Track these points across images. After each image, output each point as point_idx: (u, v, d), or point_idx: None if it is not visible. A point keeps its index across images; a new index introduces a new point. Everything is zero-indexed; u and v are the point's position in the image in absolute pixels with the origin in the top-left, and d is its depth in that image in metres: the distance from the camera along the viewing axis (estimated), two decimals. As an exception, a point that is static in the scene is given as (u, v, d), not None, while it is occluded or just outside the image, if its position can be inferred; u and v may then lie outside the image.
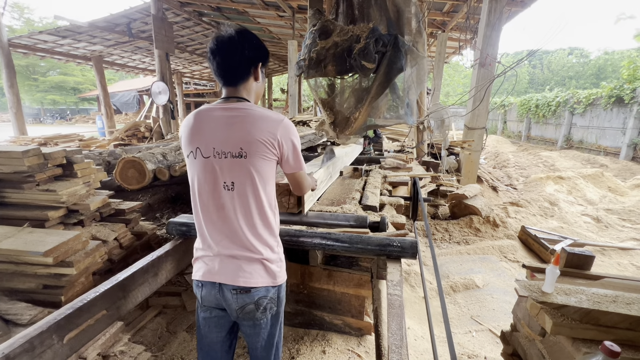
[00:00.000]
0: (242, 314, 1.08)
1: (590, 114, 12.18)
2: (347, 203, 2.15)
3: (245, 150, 1.02)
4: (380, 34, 2.10)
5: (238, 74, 1.08)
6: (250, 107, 1.06)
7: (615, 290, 1.18)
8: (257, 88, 1.16)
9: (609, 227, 4.51)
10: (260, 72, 1.14)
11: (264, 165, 1.05)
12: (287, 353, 1.89)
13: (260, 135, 1.02)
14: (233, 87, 1.09)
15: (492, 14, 4.64)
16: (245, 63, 1.08)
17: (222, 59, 1.05)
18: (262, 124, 1.03)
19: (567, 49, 36.27)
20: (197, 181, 1.08)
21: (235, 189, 1.04)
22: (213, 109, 1.07)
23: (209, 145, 1.04)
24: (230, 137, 1.02)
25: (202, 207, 1.09)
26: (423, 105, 5.21)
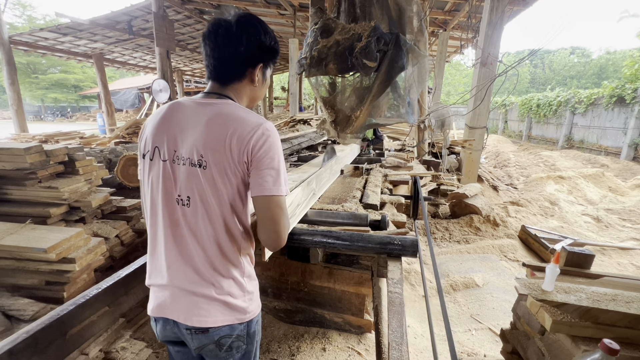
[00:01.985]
0: (203, 352, 0.90)
1: (591, 114, 12.16)
2: (348, 201, 2.16)
3: (206, 158, 0.80)
4: (382, 32, 2.10)
5: (228, 72, 0.88)
6: (226, 104, 0.85)
7: (614, 289, 1.19)
8: (252, 93, 0.94)
9: (609, 227, 4.51)
10: (260, 74, 0.92)
11: (230, 180, 0.82)
12: (287, 350, 1.90)
13: (228, 141, 0.79)
14: (219, 84, 0.89)
15: (493, 12, 4.63)
16: (240, 61, 0.87)
17: (213, 50, 0.86)
18: (233, 127, 0.80)
19: (568, 48, 36.19)
20: (151, 188, 0.87)
21: (191, 205, 0.83)
22: (187, 103, 0.87)
23: (170, 146, 0.84)
24: (192, 139, 0.82)
25: (153, 219, 0.89)
26: (424, 104, 5.21)
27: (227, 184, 0.82)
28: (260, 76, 0.93)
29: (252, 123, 0.82)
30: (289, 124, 6.88)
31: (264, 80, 0.96)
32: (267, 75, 0.97)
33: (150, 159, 0.87)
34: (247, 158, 0.81)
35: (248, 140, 0.80)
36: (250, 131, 0.80)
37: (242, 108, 0.86)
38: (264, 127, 0.82)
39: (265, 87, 0.99)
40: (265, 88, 1.00)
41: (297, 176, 1.96)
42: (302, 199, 1.67)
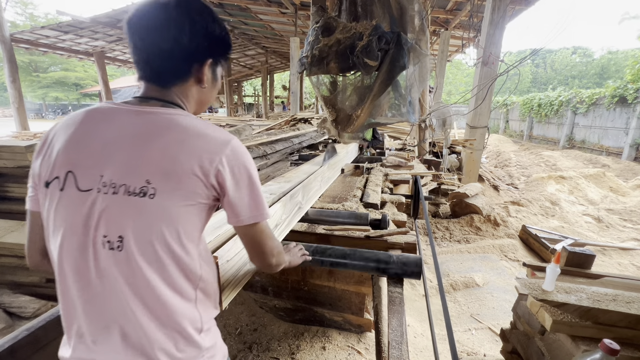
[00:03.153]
0: None
1: (592, 114, 12.14)
2: (348, 200, 2.16)
3: (155, 185, 0.61)
4: (383, 31, 2.10)
5: (169, 70, 0.70)
6: (178, 114, 0.67)
7: (615, 289, 1.18)
8: (200, 96, 0.76)
9: (610, 227, 4.51)
10: (210, 73, 0.75)
11: (187, 212, 0.64)
12: (287, 349, 1.91)
13: (188, 162, 0.62)
14: (158, 86, 0.71)
15: (495, 12, 4.62)
16: (183, 55, 0.69)
17: (144, 41, 0.67)
18: (194, 144, 0.64)
19: (570, 48, 36.08)
20: (57, 229, 0.63)
21: (125, 248, 0.61)
22: (117, 110, 0.67)
23: (93, 170, 0.62)
24: (130, 159, 0.62)
25: (66, 270, 0.63)
26: (425, 104, 5.20)
27: (184, 216, 0.64)
28: (210, 75, 0.75)
29: (218, 140, 0.66)
30: (289, 123, 6.88)
31: (215, 80, 0.78)
32: (218, 75, 0.79)
33: (60, 188, 0.63)
34: (216, 182, 0.65)
35: (218, 161, 0.64)
36: (218, 150, 0.65)
37: (200, 120, 0.69)
38: (233, 145, 0.68)
39: (215, 89, 0.81)
40: (216, 90, 0.82)
41: (276, 187, 1.62)
42: (282, 216, 1.37)
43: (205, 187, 0.65)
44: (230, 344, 1.95)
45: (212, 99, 0.83)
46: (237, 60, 16.85)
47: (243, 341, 1.97)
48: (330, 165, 2.38)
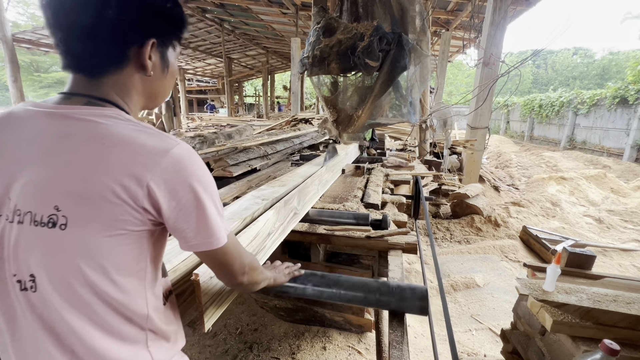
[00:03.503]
0: None
1: (594, 115, 12.12)
2: (349, 201, 2.16)
3: (66, 212, 0.49)
4: (384, 32, 2.10)
5: (93, 55, 0.54)
6: (106, 116, 0.53)
7: (615, 289, 1.19)
8: (148, 86, 0.61)
9: (611, 228, 4.50)
10: (156, 56, 0.59)
11: (115, 243, 0.52)
12: (287, 349, 1.91)
13: (105, 182, 0.49)
14: (86, 77, 0.56)
15: (496, 12, 4.62)
16: (110, 35, 0.53)
17: (56, 18, 0.53)
18: (116, 158, 0.50)
19: (571, 49, 36.04)
20: None
21: (39, 289, 0.50)
22: (29, 114, 0.54)
23: (1, 193, 0.52)
24: (43, 180, 0.50)
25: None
26: (426, 104, 5.20)
27: (110, 248, 0.51)
28: (157, 59, 0.60)
29: (151, 150, 0.51)
30: (290, 123, 6.89)
31: (166, 67, 0.63)
32: (171, 59, 0.63)
33: None
34: (150, 205, 0.52)
35: (149, 178, 0.50)
36: (149, 164, 0.50)
37: (131, 124, 0.53)
38: (173, 156, 0.52)
39: (170, 77, 0.66)
40: (172, 78, 0.67)
41: (270, 191, 1.52)
42: (275, 224, 1.27)
43: (135, 212, 0.51)
44: (231, 344, 1.96)
45: (166, 89, 0.67)
46: (238, 60, 16.87)
47: (244, 341, 1.97)
48: (329, 168, 2.36)
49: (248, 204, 1.34)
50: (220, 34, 11.45)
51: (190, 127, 10.78)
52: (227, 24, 11.38)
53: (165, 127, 8.22)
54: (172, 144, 0.54)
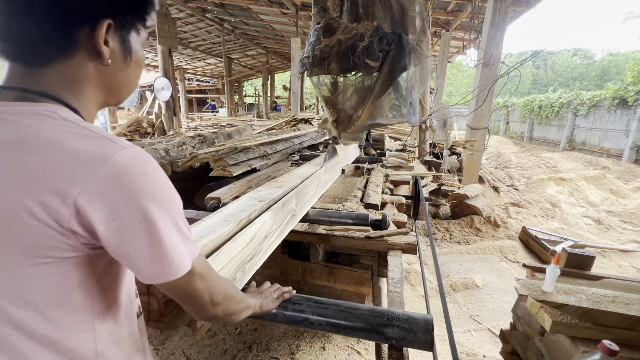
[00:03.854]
0: None
1: (593, 116, 12.14)
2: (348, 201, 2.16)
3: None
4: (385, 32, 2.10)
5: (30, 40, 0.45)
6: (37, 115, 0.44)
7: (614, 290, 1.19)
8: (108, 77, 0.51)
9: (610, 229, 4.50)
10: (115, 41, 0.49)
11: (41, 273, 0.43)
12: (287, 349, 1.91)
13: (22, 197, 0.41)
14: (24, 67, 0.47)
15: (496, 13, 4.62)
16: (50, 13, 0.44)
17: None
18: (36, 166, 0.41)
19: (571, 50, 36.09)
20: None
21: None
22: None
23: None
24: None
25: None
26: (426, 105, 5.20)
27: (35, 279, 0.43)
28: (116, 44, 0.49)
29: (85, 157, 0.41)
30: (290, 123, 6.89)
31: (128, 54, 0.52)
32: (134, 45, 0.53)
33: None
34: (81, 226, 0.42)
35: (77, 193, 0.40)
36: (79, 175, 0.40)
37: (68, 123, 0.44)
38: (115, 163, 0.42)
39: (135, 67, 0.55)
40: (137, 68, 0.56)
41: (267, 192, 1.49)
42: (273, 226, 1.25)
43: (62, 235, 0.42)
44: (230, 344, 1.96)
45: (130, 81, 0.56)
46: (237, 60, 16.87)
47: (243, 341, 1.97)
48: (328, 169, 2.33)
49: (244, 205, 1.31)
50: (220, 33, 11.45)
51: (190, 126, 10.78)
52: (227, 24, 11.38)
53: (165, 127, 8.22)
54: (114, 150, 0.42)
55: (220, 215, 1.18)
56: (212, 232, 1.04)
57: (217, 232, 1.04)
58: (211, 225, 1.08)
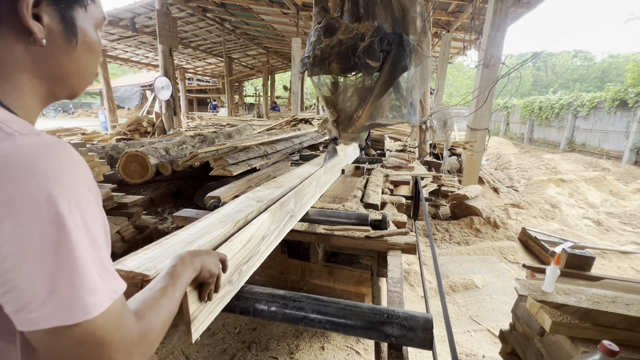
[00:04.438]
0: None
1: (593, 117, 12.15)
2: (348, 201, 2.16)
3: None
4: (385, 32, 2.10)
5: None
6: None
7: (614, 291, 1.19)
8: (45, 60, 0.42)
9: (610, 230, 4.51)
10: (53, 17, 0.41)
11: None
12: (286, 348, 1.91)
13: None
14: None
15: (497, 14, 4.63)
16: None
17: None
18: None
19: (571, 51, 36.14)
20: None
21: None
22: None
23: None
24: None
25: None
26: (426, 105, 5.21)
27: None
28: (54, 22, 0.41)
29: None
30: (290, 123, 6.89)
31: (72, 34, 0.44)
32: (81, 24, 0.45)
33: None
34: None
35: None
36: None
37: None
38: None
39: (85, 51, 0.46)
40: (88, 53, 0.47)
41: (265, 193, 1.51)
42: (271, 227, 1.22)
43: None
44: (229, 343, 1.96)
45: (81, 69, 0.46)
46: (238, 60, 16.87)
47: (242, 340, 1.97)
48: (327, 169, 2.32)
49: (242, 205, 1.30)
50: (220, 33, 11.45)
51: (190, 126, 10.78)
52: (227, 24, 11.38)
53: (165, 126, 8.22)
54: (15, 142, 0.33)
55: (217, 215, 1.18)
56: (209, 232, 1.03)
57: (214, 233, 1.03)
58: (208, 226, 1.08)
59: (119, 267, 0.77)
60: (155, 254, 0.87)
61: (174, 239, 0.97)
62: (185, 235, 1.00)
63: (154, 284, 0.53)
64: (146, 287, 0.53)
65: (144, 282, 0.75)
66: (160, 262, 0.85)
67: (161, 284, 0.53)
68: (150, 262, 0.81)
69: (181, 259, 0.61)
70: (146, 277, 0.75)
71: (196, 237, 0.99)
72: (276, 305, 1.01)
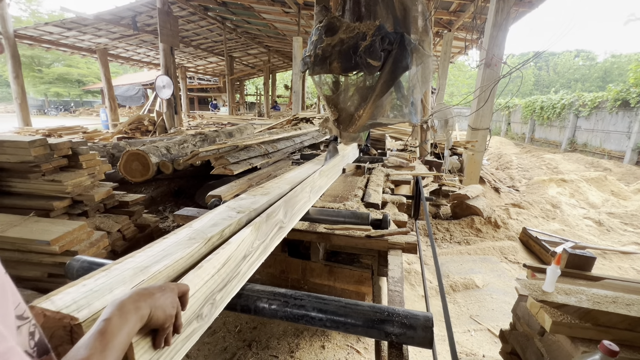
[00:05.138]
0: None
1: (595, 117, 12.11)
2: (349, 200, 2.16)
3: None
4: (387, 31, 2.10)
5: None
6: None
7: (615, 291, 1.19)
8: None
9: (611, 230, 4.50)
10: None
11: None
12: (286, 347, 1.91)
13: None
14: None
15: (499, 14, 4.61)
16: None
17: None
18: None
19: (573, 51, 36.01)
20: None
21: None
22: None
23: None
24: None
25: None
26: (427, 105, 5.20)
27: None
28: None
29: None
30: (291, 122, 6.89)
31: None
32: None
33: None
34: None
35: None
36: None
37: None
38: None
39: None
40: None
41: (249, 201, 1.32)
42: (254, 243, 1.07)
43: None
44: (230, 342, 1.96)
45: None
46: (239, 59, 16.86)
47: (242, 339, 1.98)
48: (323, 173, 2.20)
49: (219, 218, 1.09)
50: (222, 32, 11.45)
51: (191, 125, 10.79)
52: (229, 23, 11.38)
53: (166, 125, 8.23)
54: None
55: (187, 230, 0.98)
56: (171, 254, 0.82)
57: (176, 255, 0.82)
58: (173, 245, 0.87)
59: (45, 304, 0.57)
60: (97, 285, 0.67)
61: (125, 263, 0.77)
62: (141, 258, 0.79)
63: (74, 354, 0.38)
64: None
65: (74, 327, 0.56)
66: (100, 297, 0.64)
67: (83, 353, 0.38)
68: (86, 297, 0.62)
69: (119, 307, 0.47)
70: (75, 321, 0.56)
71: (155, 259, 0.79)
72: (277, 303, 0.99)
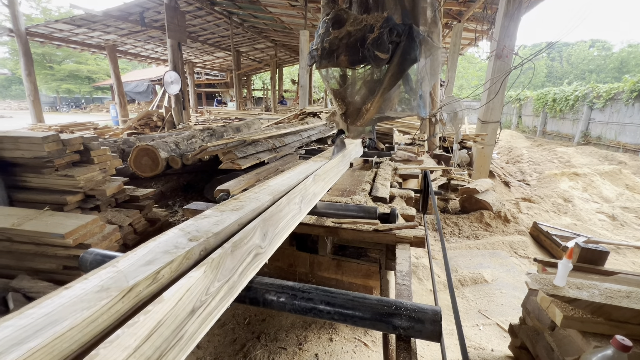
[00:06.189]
0: None
1: (610, 109, 11.78)
2: (357, 194, 2.15)
3: None
4: (395, 23, 2.07)
5: None
6: None
7: (629, 286, 1.16)
8: None
9: (625, 225, 4.40)
10: None
11: None
12: (294, 339, 1.94)
13: None
14: None
15: (510, 3, 4.49)
16: None
17: None
18: None
19: (588, 41, 34.94)
20: None
21: None
22: None
23: None
24: None
25: None
26: (436, 98, 5.13)
27: None
28: None
29: None
30: (298, 117, 6.88)
31: None
32: None
33: None
34: None
35: None
36: None
37: None
38: None
39: None
40: None
41: (210, 222, 0.96)
42: (212, 286, 0.77)
43: None
44: (239, 334, 1.99)
45: None
46: (246, 53, 16.84)
47: (252, 331, 2.01)
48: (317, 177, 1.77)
49: (160, 250, 0.76)
50: (228, 27, 11.43)
51: (199, 120, 10.87)
52: (235, 17, 11.35)
53: (175, 120, 8.31)
54: None
55: (103, 273, 0.65)
56: (61, 319, 0.51)
57: (65, 323, 0.51)
58: (76, 301, 0.56)
59: None
60: None
61: None
62: (10, 330, 0.48)
63: None
64: None
65: None
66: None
67: None
68: None
69: None
70: None
71: (34, 330, 0.49)
72: (285, 296, 0.99)
